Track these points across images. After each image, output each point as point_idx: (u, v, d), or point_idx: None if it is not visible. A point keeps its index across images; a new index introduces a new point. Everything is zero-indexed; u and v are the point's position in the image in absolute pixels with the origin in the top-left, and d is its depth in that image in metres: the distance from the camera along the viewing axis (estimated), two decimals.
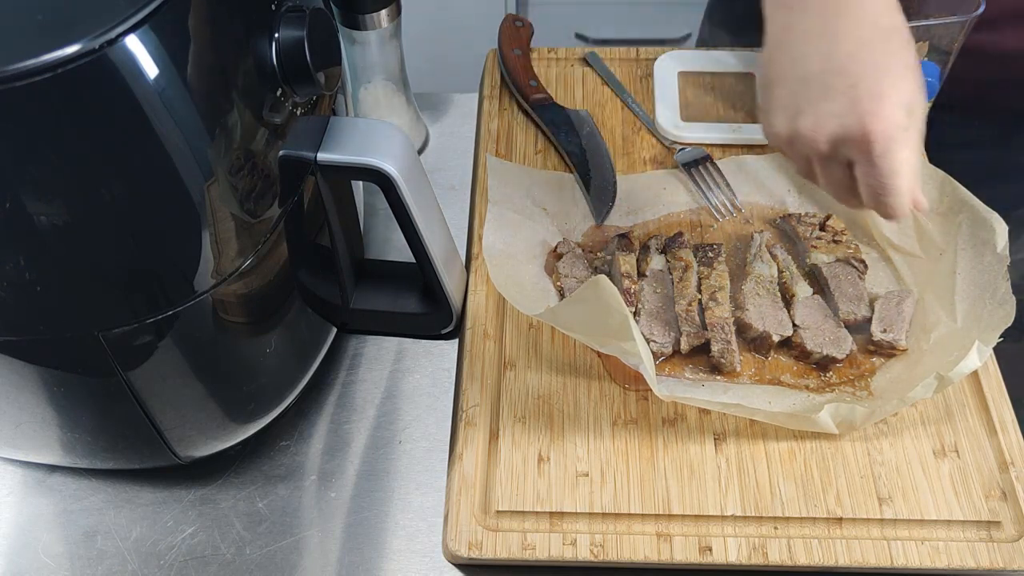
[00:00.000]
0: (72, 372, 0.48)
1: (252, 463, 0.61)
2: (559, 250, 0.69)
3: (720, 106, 0.80)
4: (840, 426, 0.58)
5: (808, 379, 0.62)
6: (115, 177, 0.40)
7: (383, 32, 0.70)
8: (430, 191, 0.59)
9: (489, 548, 0.55)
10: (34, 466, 0.61)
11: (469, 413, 0.60)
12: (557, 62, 0.84)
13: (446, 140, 0.82)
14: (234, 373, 0.55)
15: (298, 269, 0.55)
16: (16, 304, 0.42)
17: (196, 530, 0.58)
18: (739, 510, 0.56)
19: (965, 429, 0.60)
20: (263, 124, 0.46)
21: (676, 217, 0.72)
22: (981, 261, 0.62)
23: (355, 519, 0.59)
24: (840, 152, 0.52)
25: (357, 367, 0.67)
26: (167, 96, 0.39)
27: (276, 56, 0.46)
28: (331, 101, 0.55)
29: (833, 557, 0.54)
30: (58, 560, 0.57)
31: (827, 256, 0.66)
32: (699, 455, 0.59)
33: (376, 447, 0.62)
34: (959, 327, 0.61)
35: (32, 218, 0.39)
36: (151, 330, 0.46)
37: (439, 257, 0.61)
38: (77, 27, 0.36)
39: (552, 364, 0.63)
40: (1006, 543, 0.55)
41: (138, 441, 0.55)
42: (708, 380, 0.62)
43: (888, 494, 0.57)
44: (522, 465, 0.58)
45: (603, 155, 0.75)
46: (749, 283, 0.65)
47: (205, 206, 0.43)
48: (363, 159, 0.53)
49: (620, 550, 0.55)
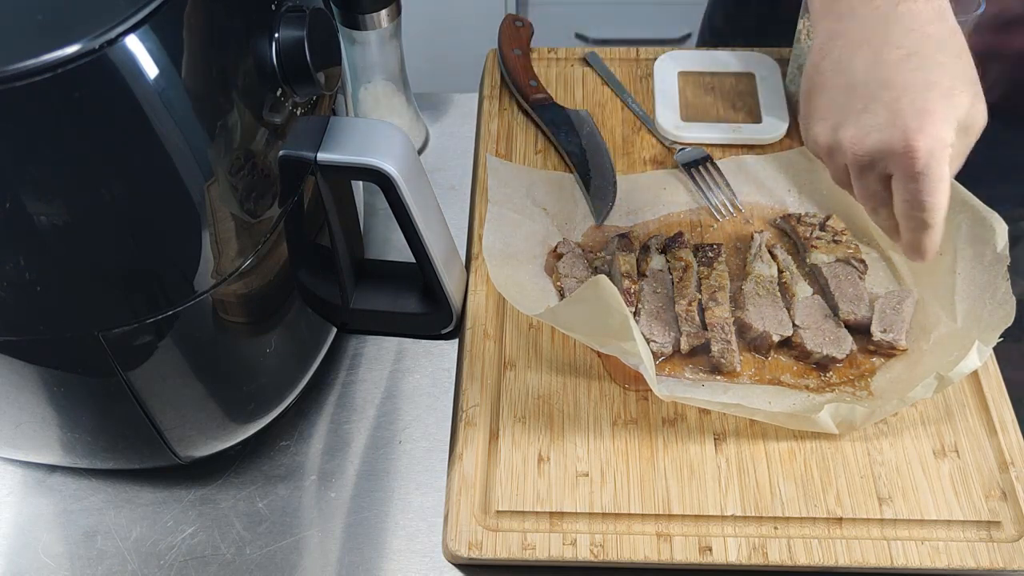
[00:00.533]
0: (72, 372, 0.48)
1: (252, 463, 0.61)
2: (559, 250, 0.69)
3: (720, 106, 0.80)
4: (840, 426, 0.58)
5: (808, 379, 0.62)
6: (115, 177, 0.40)
7: (383, 32, 0.70)
8: (430, 191, 0.59)
9: (489, 548, 0.55)
10: (34, 466, 0.61)
11: (469, 413, 0.60)
12: (557, 62, 0.84)
13: (446, 140, 0.82)
14: (234, 373, 0.55)
15: (298, 269, 0.55)
16: (16, 304, 0.42)
17: (196, 530, 0.58)
18: (739, 510, 0.56)
19: (965, 429, 0.60)
20: (263, 124, 0.46)
21: (676, 217, 0.72)
22: (981, 261, 0.62)
23: (355, 519, 0.59)
24: (879, 166, 0.50)
25: (357, 367, 0.67)
26: (167, 96, 0.39)
27: (276, 56, 0.46)
28: (331, 101, 0.55)
29: (833, 557, 0.54)
30: (58, 560, 0.57)
31: (827, 256, 0.66)
32: (699, 455, 0.59)
33: (376, 447, 0.62)
34: (959, 327, 0.61)
35: (32, 218, 0.39)
36: (151, 330, 0.46)
37: (439, 257, 0.61)
38: (77, 27, 0.36)
39: (552, 364, 0.63)
40: (1006, 543, 0.55)
41: (138, 441, 0.55)
42: (708, 380, 0.62)
43: (888, 494, 0.57)
44: (522, 465, 0.58)
45: (603, 155, 0.75)
46: (749, 283, 0.65)
47: (205, 206, 0.43)
48: (363, 159, 0.53)
49: (620, 550, 0.55)
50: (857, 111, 0.50)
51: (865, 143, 0.50)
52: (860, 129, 0.50)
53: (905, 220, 0.51)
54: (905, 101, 0.48)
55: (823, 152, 0.54)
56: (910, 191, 0.49)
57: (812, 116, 0.53)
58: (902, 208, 0.51)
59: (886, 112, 0.49)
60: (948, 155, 0.48)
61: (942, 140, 0.48)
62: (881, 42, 0.50)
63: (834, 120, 0.51)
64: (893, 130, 0.48)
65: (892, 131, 0.48)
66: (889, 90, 0.49)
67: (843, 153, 0.51)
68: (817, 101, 0.53)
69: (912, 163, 0.48)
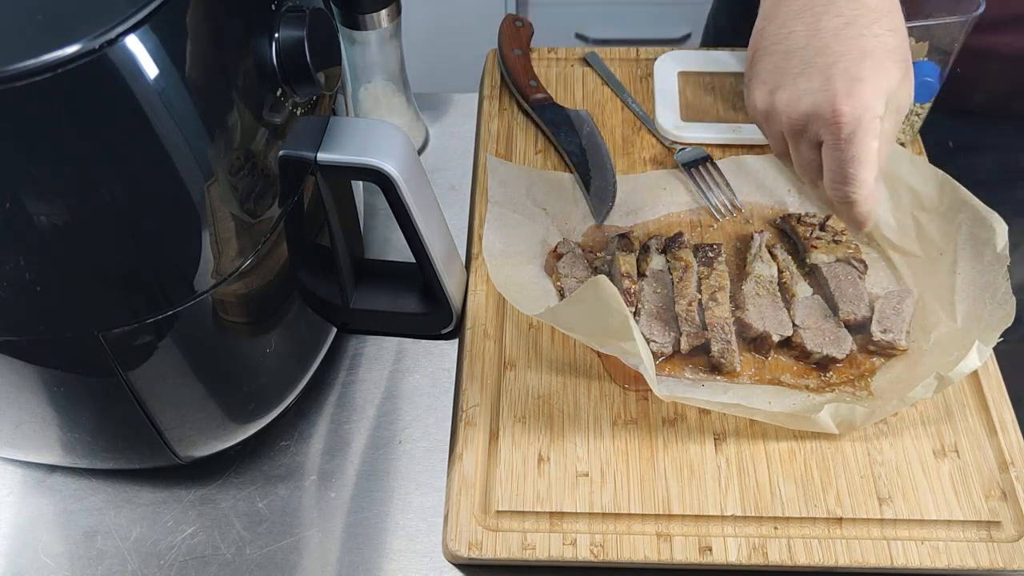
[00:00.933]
0: (72, 372, 0.48)
1: (252, 463, 0.61)
2: (559, 250, 0.69)
3: (720, 106, 0.80)
4: (840, 426, 0.58)
5: (808, 379, 0.62)
6: (115, 177, 0.40)
7: (383, 32, 0.70)
8: (430, 191, 0.59)
9: (489, 548, 0.55)
10: (34, 466, 0.61)
11: (469, 413, 0.60)
12: (557, 62, 0.84)
13: (446, 140, 0.82)
14: (234, 373, 0.55)
15: (298, 269, 0.55)
16: (16, 304, 0.42)
17: (196, 530, 0.58)
18: (739, 510, 0.56)
19: (965, 429, 0.60)
20: (263, 124, 0.46)
21: (676, 217, 0.72)
22: (981, 261, 0.62)
23: (355, 519, 0.59)
24: (810, 130, 0.50)
25: (357, 367, 0.67)
26: (167, 96, 0.39)
27: (276, 56, 0.46)
28: (331, 101, 0.55)
29: (833, 557, 0.54)
30: (58, 560, 0.57)
31: (827, 256, 0.66)
32: (699, 455, 0.59)
33: (376, 447, 0.62)
34: (959, 327, 0.61)
35: (32, 218, 0.39)
36: (151, 330, 0.46)
37: (439, 257, 0.61)
38: (77, 27, 0.36)
39: (552, 364, 0.63)
40: (1006, 543, 0.55)
41: (138, 441, 0.55)
42: (708, 380, 0.62)
43: (888, 494, 0.57)
44: (522, 465, 0.58)
45: (603, 155, 0.75)
46: (749, 283, 0.65)
47: (205, 206, 0.43)
48: (363, 159, 0.53)
49: (620, 550, 0.55)
50: (793, 75, 0.50)
51: (798, 107, 0.50)
52: (794, 93, 0.50)
53: (833, 192, 0.51)
54: (839, 68, 0.49)
55: (760, 117, 0.54)
56: (836, 160, 0.50)
57: (752, 80, 0.54)
58: (829, 178, 0.51)
59: (819, 77, 0.49)
60: (876, 127, 0.49)
61: (870, 109, 0.48)
62: (823, 9, 0.50)
63: (771, 84, 0.52)
64: (824, 94, 0.49)
65: (823, 95, 0.49)
66: (824, 56, 0.49)
67: (778, 118, 0.52)
68: (758, 66, 0.53)
69: (838, 128, 0.48)
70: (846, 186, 0.50)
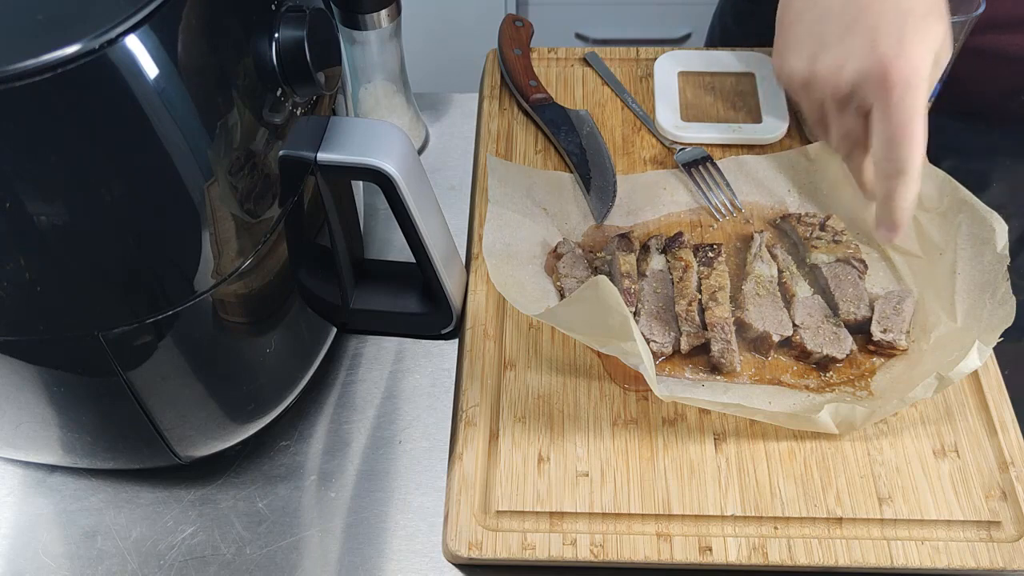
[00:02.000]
0: (72, 372, 0.48)
1: (252, 463, 0.61)
2: (559, 250, 0.69)
3: (720, 106, 0.80)
4: (840, 426, 0.58)
5: (808, 379, 0.62)
6: (115, 177, 0.40)
7: (383, 32, 0.70)
8: (430, 191, 0.59)
9: (489, 548, 0.55)
10: (34, 466, 0.61)
11: (469, 413, 0.60)
12: (557, 62, 0.84)
13: (446, 140, 0.82)
14: (234, 373, 0.55)
15: (298, 269, 0.55)
16: (16, 304, 0.42)
17: (196, 530, 0.58)
18: (739, 510, 0.56)
19: (965, 429, 0.60)
20: (263, 124, 0.46)
21: (676, 217, 0.72)
22: (981, 261, 0.62)
23: (355, 519, 0.59)
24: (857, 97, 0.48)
25: (357, 367, 0.67)
26: (167, 96, 0.39)
27: (276, 56, 0.46)
28: (331, 101, 0.55)
29: (833, 557, 0.54)
30: (58, 560, 0.57)
31: (827, 256, 0.66)
32: (699, 455, 0.59)
33: (376, 447, 0.62)
34: (959, 327, 0.61)
35: (32, 218, 0.39)
36: (151, 330, 0.46)
37: (439, 257, 0.61)
38: (77, 27, 0.36)
39: (552, 364, 0.63)
40: (1006, 543, 0.55)
41: (138, 441, 0.55)
42: (708, 380, 0.62)
43: (888, 494, 0.57)
44: (522, 465, 0.58)
45: (603, 155, 0.75)
46: (749, 283, 0.65)
47: (205, 206, 0.43)
48: (363, 159, 0.53)
49: (620, 550, 0.55)
50: (834, 40, 0.48)
51: (843, 72, 0.48)
52: (837, 57, 0.48)
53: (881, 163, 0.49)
54: (883, 29, 0.47)
55: (798, 86, 0.51)
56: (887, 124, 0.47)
57: (787, 48, 0.51)
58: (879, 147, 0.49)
59: (864, 39, 0.47)
60: (925, 89, 0.47)
61: (918, 70, 0.46)
62: None
63: (810, 50, 0.50)
64: (872, 57, 0.47)
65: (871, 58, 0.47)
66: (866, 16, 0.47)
67: (820, 85, 0.50)
68: (792, 32, 0.51)
69: (889, 91, 0.46)
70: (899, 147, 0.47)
